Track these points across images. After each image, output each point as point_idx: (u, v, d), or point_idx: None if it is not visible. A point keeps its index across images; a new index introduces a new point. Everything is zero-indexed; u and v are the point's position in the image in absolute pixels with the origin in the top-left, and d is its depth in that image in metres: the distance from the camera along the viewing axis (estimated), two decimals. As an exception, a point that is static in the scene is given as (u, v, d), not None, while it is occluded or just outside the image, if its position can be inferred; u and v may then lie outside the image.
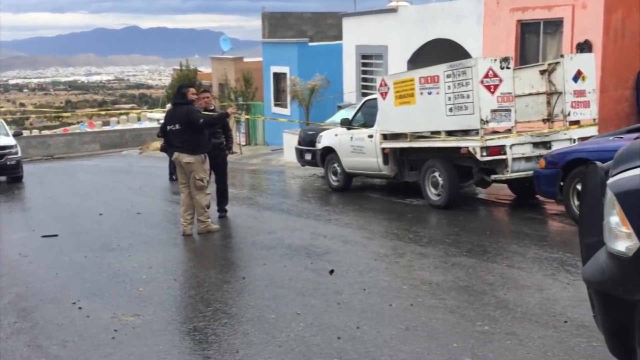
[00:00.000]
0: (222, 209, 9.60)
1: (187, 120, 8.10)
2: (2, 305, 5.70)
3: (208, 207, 8.52)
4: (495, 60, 8.51)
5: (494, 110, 8.43)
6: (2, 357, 4.53)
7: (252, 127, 25.47)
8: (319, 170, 13.85)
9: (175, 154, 8.33)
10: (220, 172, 9.60)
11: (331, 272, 6.19)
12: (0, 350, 4.66)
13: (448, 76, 8.82)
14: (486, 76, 8.38)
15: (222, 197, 9.68)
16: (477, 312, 4.85)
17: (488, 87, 8.38)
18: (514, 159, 8.63)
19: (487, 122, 8.41)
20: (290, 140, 17.64)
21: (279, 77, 23.40)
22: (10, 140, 16.60)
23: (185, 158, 8.17)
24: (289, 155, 17.59)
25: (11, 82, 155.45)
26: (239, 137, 23.69)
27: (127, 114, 44.14)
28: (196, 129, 8.13)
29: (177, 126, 8.19)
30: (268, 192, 13.27)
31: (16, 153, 16.33)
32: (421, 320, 4.73)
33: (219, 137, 9.37)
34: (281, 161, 18.40)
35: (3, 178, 16.65)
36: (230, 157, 10.46)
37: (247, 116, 21.47)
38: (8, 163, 16.05)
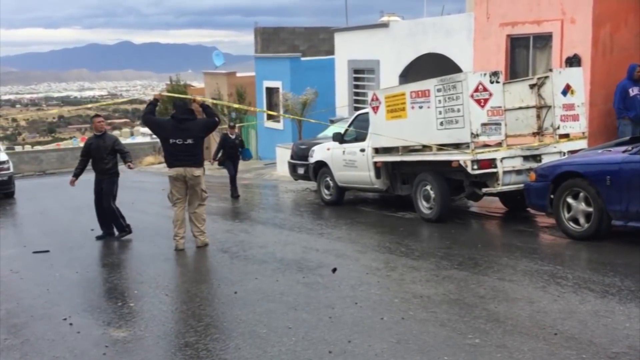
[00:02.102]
0: (110, 232, 9.64)
1: (205, 133, 8.52)
2: (-7, 321, 5.68)
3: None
4: (485, 74, 8.58)
5: (484, 124, 8.49)
6: (-8, 374, 4.52)
7: (245, 141, 25.46)
8: (312, 184, 13.88)
9: (181, 169, 8.25)
10: (107, 194, 9.62)
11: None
12: (-10, 367, 4.64)
13: (439, 90, 8.88)
14: (476, 90, 8.45)
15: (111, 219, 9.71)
16: (467, 325, 4.86)
17: (478, 101, 8.44)
18: (504, 172, 8.67)
19: (477, 135, 8.46)
20: (283, 154, 17.68)
21: (271, 92, 23.49)
22: (2, 156, 16.59)
23: (195, 172, 8.31)
24: (282, 169, 17.62)
25: (4, 97, 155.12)
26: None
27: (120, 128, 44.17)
28: (202, 143, 8.45)
29: (190, 141, 8.22)
30: (261, 207, 13.28)
31: (8, 169, 16.31)
32: (412, 334, 4.73)
33: (107, 163, 9.56)
34: (274, 175, 18.42)
35: (-6, 194, 16.60)
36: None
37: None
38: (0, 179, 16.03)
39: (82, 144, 41.08)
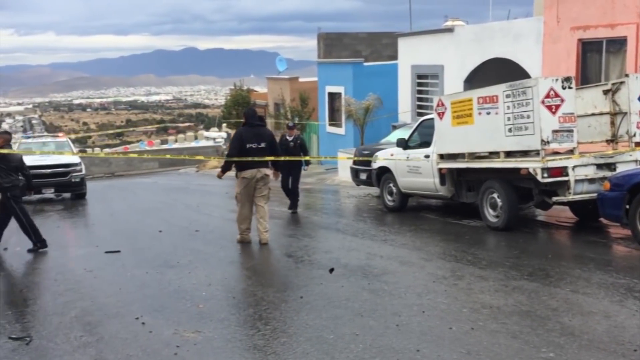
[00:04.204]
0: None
1: (274, 141, 9.31)
2: (69, 318, 5.89)
3: None
4: (556, 80, 8.35)
5: (555, 131, 8.26)
6: (70, 369, 4.68)
7: (308, 146, 25.66)
8: (374, 190, 13.83)
9: (254, 171, 8.91)
10: (10, 210, 9.31)
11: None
12: (68, 362, 4.81)
13: (507, 96, 8.70)
14: (547, 96, 8.23)
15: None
16: (541, 338, 4.72)
17: (549, 107, 8.22)
18: (576, 181, 8.41)
19: (548, 142, 8.24)
20: (345, 160, 17.70)
21: (333, 97, 23.58)
22: (75, 159, 17.25)
23: (267, 171, 9.10)
24: (344, 174, 17.64)
25: (75, 101, 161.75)
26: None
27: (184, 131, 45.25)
28: (274, 150, 9.27)
29: (263, 144, 9.00)
30: (323, 212, 13.32)
31: (80, 170, 16.94)
32: (483, 345, 4.63)
33: (11, 181, 9.15)
34: (335, 180, 18.46)
35: (67, 195, 17.29)
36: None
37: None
38: (72, 180, 16.68)
39: (148, 147, 42.26)
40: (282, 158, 9.93)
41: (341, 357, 4.58)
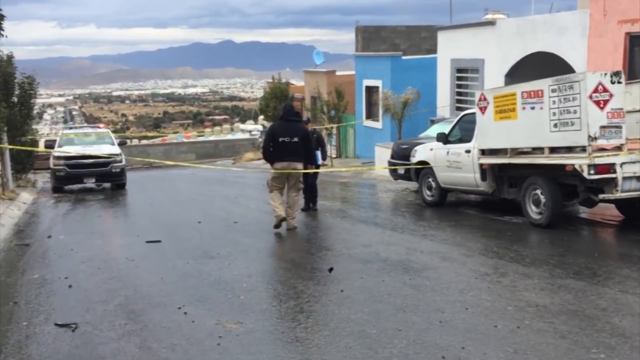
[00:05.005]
0: None
1: (308, 135, 9.74)
2: (113, 306, 5.98)
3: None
4: (605, 74, 8.12)
5: (603, 127, 8.04)
6: (116, 357, 4.74)
7: (343, 140, 25.62)
8: (412, 185, 13.71)
9: (285, 164, 9.45)
10: None
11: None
12: (113, 349, 4.87)
13: (553, 91, 8.50)
14: (595, 91, 8.01)
15: None
16: (590, 338, 4.61)
17: (597, 103, 8.01)
18: (624, 178, 8.17)
19: (595, 138, 8.03)
20: (382, 154, 17.59)
21: (371, 91, 23.42)
22: (115, 149, 17.53)
23: (298, 166, 9.56)
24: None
25: (114, 93, 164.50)
26: (329, 150, 23.88)
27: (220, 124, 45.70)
28: (308, 144, 9.67)
29: (296, 139, 9.42)
30: (360, 205, 13.26)
31: (121, 161, 17.20)
32: (530, 344, 4.54)
33: None
34: (372, 174, 18.36)
35: (108, 185, 17.59)
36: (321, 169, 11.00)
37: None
38: (113, 170, 16.96)
39: (185, 140, 42.76)
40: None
41: (384, 352, 4.54)
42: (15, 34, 13.21)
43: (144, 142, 44.41)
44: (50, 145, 22.92)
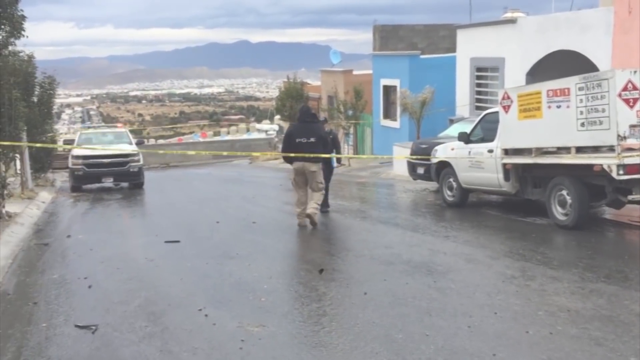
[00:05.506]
0: None
1: (324, 136, 9.90)
2: (133, 307, 5.89)
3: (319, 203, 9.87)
4: (635, 72, 7.90)
5: (632, 126, 7.83)
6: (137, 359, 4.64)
7: (360, 140, 25.44)
8: (431, 185, 13.53)
9: (300, 164, 9.65)
10: None
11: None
12: (134, 352, 4.78)
13: (580, 89, 8.29)
14: (625, 89, 7.80)
15: None
16: (627, 345, 4.43)
17: (627, 101, 7.79)
18: (654, 179, 7.95)
19: (625, 138, 7.81)
20: (401, 154, 17.40)
21: (388, 90, 23.24)
22: (133, 148, 17.51)
23: (312, 167, 9.67)
24: (398, 168, 17.36)
25: (131, 93, 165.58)
26: (346, 149, 23.74)
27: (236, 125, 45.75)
28: (325, 144, 9.90)
29: (313, 139, 9.59)
30: (380, 206, 13.10)
31: (138, 161, 17.19)
32: (564, 351, 4.37)
33: None
34: (390, 174, 18.19)
35: (125, 184, 17.60)
36: (338, 169, 10.77)
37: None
38: (131, 170, 16.96)
39: (202, 139, 42.83)
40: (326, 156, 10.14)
41: (412, 358, 4.40)
42: (35, 34, 13.20)
43: (161, 141, 44.57)
44: (69, 144, 23.02)
